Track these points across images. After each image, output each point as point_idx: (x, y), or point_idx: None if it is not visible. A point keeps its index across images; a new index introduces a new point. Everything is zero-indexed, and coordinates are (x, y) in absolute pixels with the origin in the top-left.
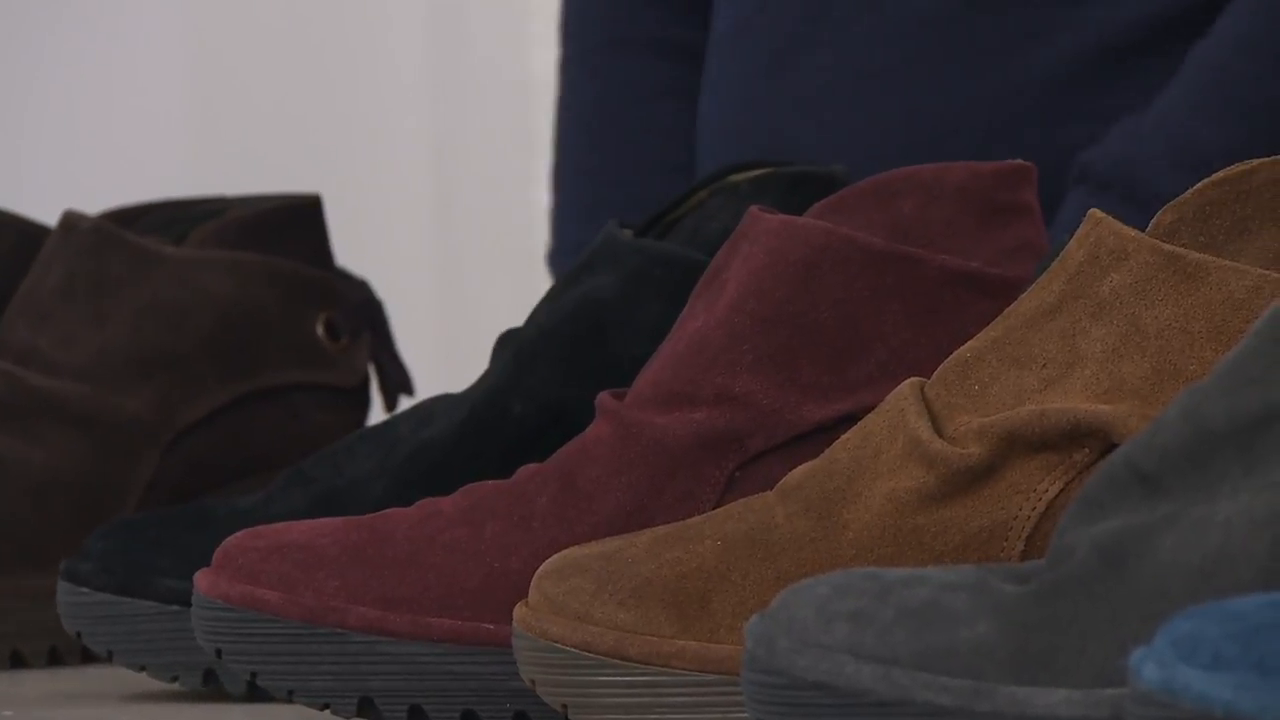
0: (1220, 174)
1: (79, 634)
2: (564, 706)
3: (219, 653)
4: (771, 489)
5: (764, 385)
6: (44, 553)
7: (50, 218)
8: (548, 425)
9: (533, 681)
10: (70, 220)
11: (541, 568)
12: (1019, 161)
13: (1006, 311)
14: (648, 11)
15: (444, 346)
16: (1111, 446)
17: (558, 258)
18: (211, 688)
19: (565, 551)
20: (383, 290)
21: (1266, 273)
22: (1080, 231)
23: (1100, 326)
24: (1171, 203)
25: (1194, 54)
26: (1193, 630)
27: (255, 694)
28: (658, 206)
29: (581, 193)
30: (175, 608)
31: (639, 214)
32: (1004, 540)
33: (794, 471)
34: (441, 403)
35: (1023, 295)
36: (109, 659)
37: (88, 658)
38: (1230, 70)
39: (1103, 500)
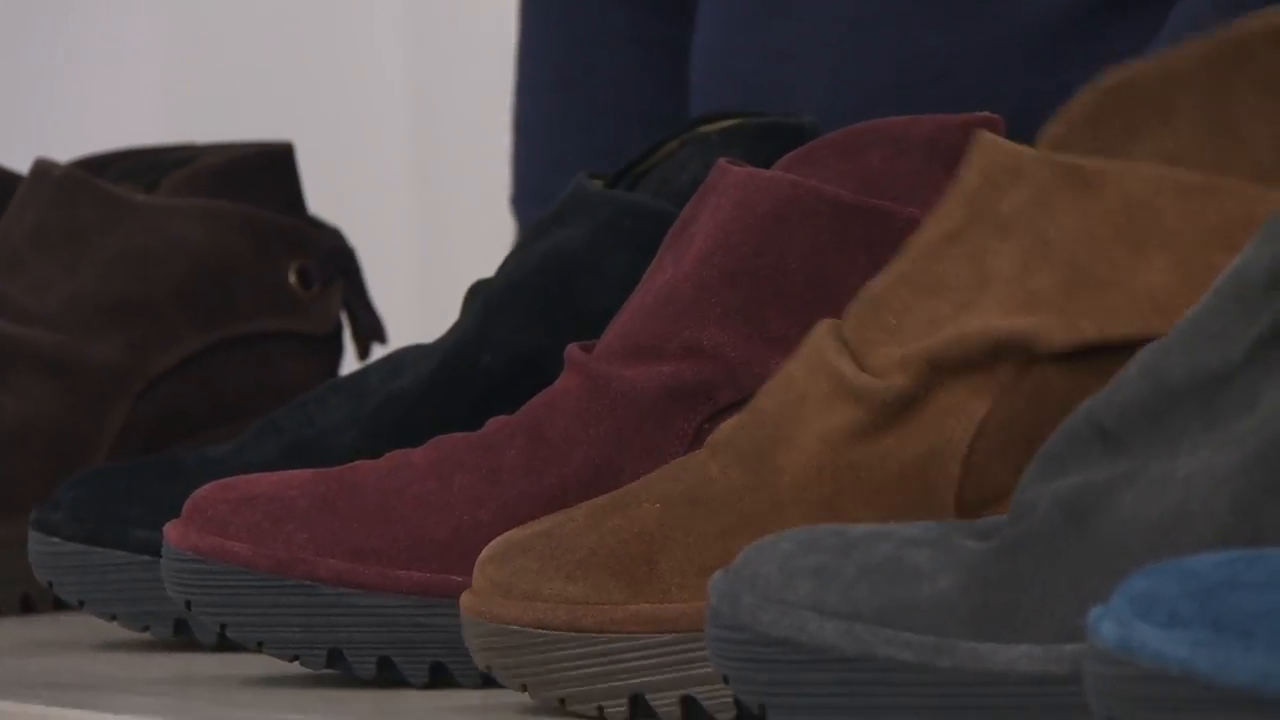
0: (1105, 82)
1: (50, 583)
2: (523, 686)
3: (189, 604)
4: None
5: (732, 338)
6: (16, 500)
7: (24, 165)
8: (517, 376)
9: (488, 666)
10: (41, 168)
11: (481, 555)
12: (987, 114)
13: (909, 243)
14: None
15: (423, 295)
16: (1033, 359)
17: (522, 203)
18: (182, 637)
19: (502, 536)
20: (361, 238)
21: (1163, 171)
22: (971, 156)
23: (1006, 245)
24: (1059, 114)
25: (1175, 8)
26: (1149, 588)
27: (226, 644)
28: (622, 154)
29: (545, 138)
30: (146, 557)
31: (603, 161)
32: (940, 464)
33: (721, 427)
34: (412, 353)
35: (922, 226)
36: (80, 608)
37: (60, 605)
38: (1206, 24)
39: (1064, 456)
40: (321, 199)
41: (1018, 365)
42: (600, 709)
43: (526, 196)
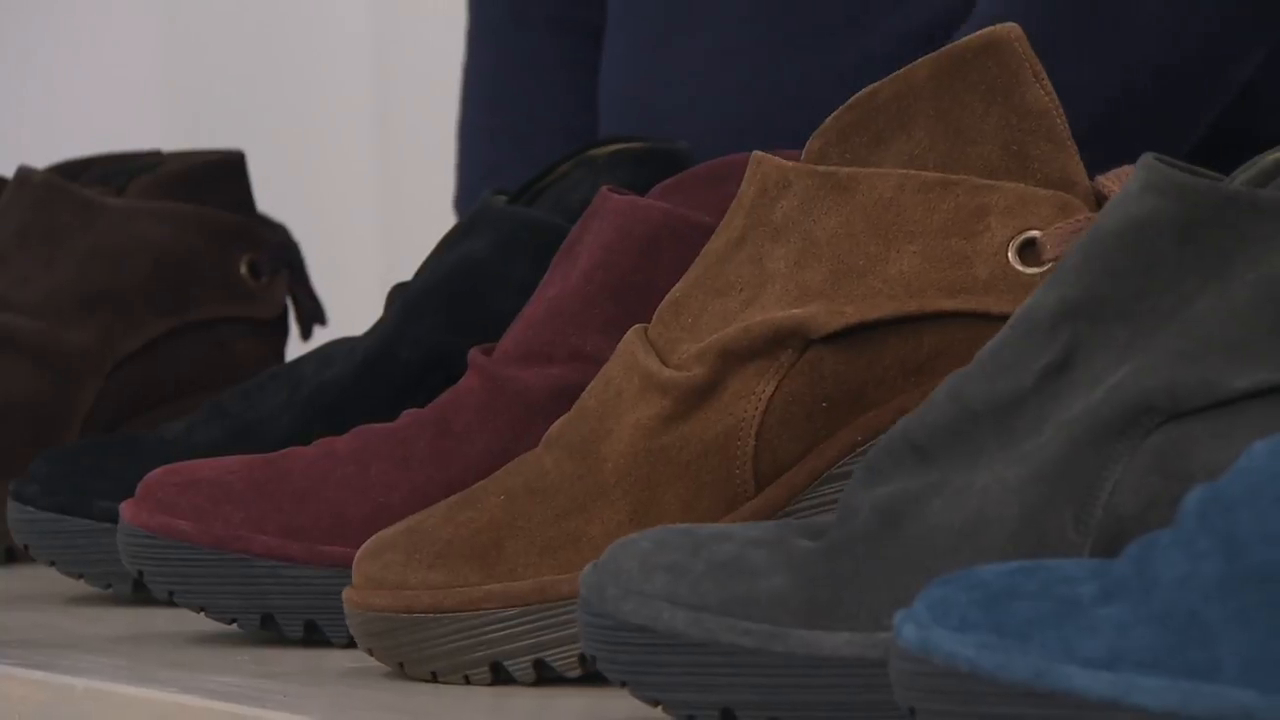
0: (851, 100)
1: (26, 546)
2: (400, 665)
3: (141, 574)
4: None
5: (611, 345)
6: (1, 467)
7: (8, 170)
8: (431, 369)
9: (370, 650)
10: (23, 174)
11: (358, 554)
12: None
13: (703, 251)
14: None
15: (386, 281)
16: (809, 343)
17: (462, 205)
18: (141, 595)
19: (375, 535)
20: (326, 225)
21: (905, 172)
22: (748, 173)
23: (780, 247)
24: (816, 131)
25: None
26: (944, 596)
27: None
28: (548, 163)
29: (485, 149)
30: (108, 525)
31: (532, 169)
32: (737, 440)
33: (553, 426)
34: (341, 346)
35: (713, 236)
36: (52, 567)
37: None
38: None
39: (882, 467)
40: (290, 187)
41: (795, 349)
42: (466, 677)
43: (466, 198)
